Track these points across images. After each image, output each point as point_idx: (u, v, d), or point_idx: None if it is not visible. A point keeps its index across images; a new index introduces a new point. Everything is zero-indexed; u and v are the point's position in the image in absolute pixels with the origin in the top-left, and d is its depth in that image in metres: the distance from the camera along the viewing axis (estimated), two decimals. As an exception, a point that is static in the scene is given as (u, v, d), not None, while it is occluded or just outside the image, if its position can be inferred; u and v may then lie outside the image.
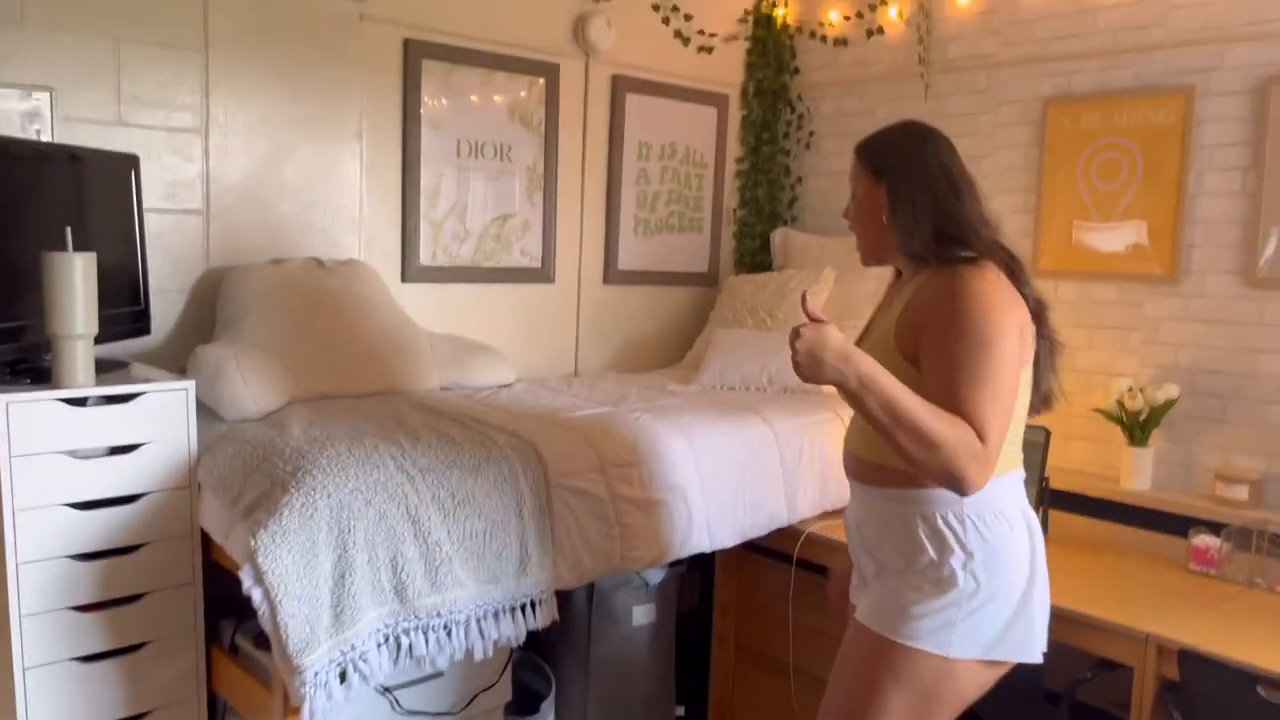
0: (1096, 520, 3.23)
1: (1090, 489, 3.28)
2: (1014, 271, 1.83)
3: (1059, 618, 2.35)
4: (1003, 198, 3.64)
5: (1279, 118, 2.95)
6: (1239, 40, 3.04)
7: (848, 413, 3.27)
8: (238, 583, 2.14)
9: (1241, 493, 2.96)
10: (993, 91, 3.67)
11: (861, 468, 1.92)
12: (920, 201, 1.83)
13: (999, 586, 1.82)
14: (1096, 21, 3.37)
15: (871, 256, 1.99)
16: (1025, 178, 3.57)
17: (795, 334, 1.64)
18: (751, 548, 3.09)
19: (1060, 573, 2.73)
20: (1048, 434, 3.01)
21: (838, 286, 3.83)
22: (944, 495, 1.77)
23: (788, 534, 3.04)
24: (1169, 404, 3.10)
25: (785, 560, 3.10)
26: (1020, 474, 1.91)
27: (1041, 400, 1.93)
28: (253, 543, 2.07)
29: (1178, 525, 2.99)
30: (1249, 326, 3.03)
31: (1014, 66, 3.60)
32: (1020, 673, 1.95)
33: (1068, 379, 3.49)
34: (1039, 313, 1.87)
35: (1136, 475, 3.18)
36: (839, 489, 3.17)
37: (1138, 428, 3.14)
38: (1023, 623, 1.87)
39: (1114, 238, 3.33)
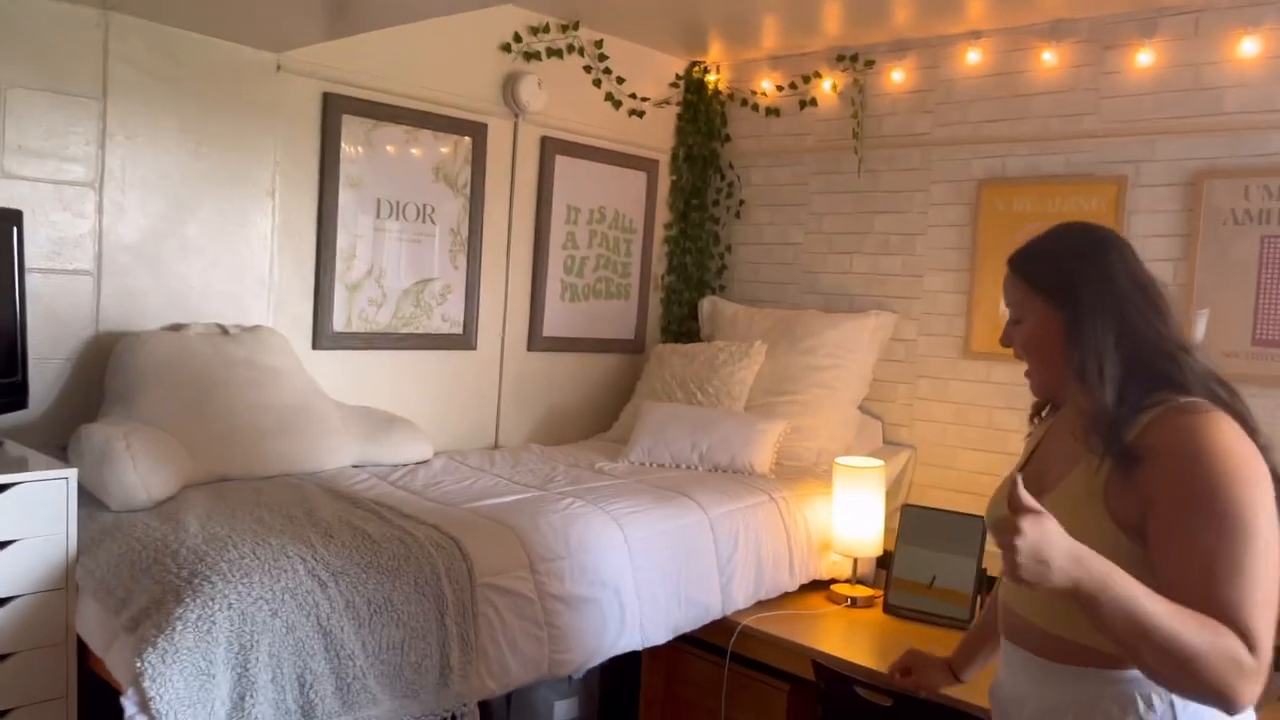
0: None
1: (1023, 575, 3.22)
2: (1242, 415, 1.43)
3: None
4: (935, 277, 3.62)
5: (1211, 211, 2.98)
6: (1170, 133, 3.08)
7: (782, 494, 3.19)
8: (114, 693, 1.89)
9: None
10: (926, 170, 3.65)
11: (1043, 642, 1.52)
12: (1106, 329, 1.45)
13: None
14: (1029, 107, 3.39)
15: (1049, 391, 1.62)
16: (958, 257, 3.55)
17: (1012, 529, 1.26)
18: (681, 637, 2.93)
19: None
20: (985, 521, 2.94)
21: (768, 360, 3.74)
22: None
23: (722, 626, 2.90)
24: (1103, 493, 3.06)
25: (717, 652, 2.95)
26: None
27: None
28: (139, 664, 1.83)
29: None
30: (1180, 417, 3.02)
31: (948, 146, 3.59)
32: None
33: (999, 462, 3.50)
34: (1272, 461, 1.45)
35: (1069, 563, 3.13)
36: (773, 577, 3.05)
37: (1071, 516, 3.10)
38: None
39: (1046, 322, 3.32)
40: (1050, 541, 1.26)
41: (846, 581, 3.22)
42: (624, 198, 4.08)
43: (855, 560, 3.21)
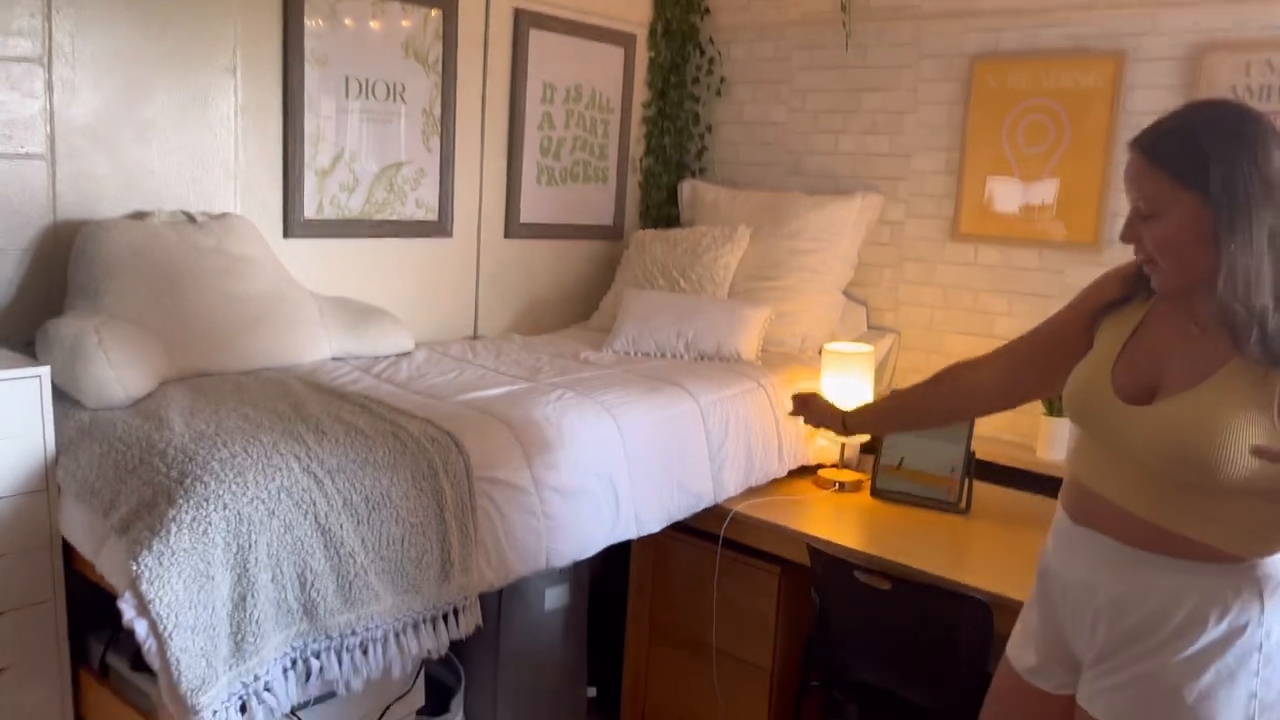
0: (1011, 490, 3.20)
1: (1005, 457, 3.26)
2: None
3: (998, 607, 2.29)
4: (923, 156, 3.53)
5: (1211, 86, 2.91)
6: (1172, 5, 2.98)
7: (770, 381, 3.16)
8: (106, 595, 1.84)
9: (1158, 465, 2.97)
10: (917, 45, 3.52)
11: (1134, 530, 1.47)
12: (1262, 227, 1.33)
13: None
14: (1027, -23, 3.25)
15: (1176, 290, 1.47)
16: (948, 136, 3.46)
17: None
18: (671, 525, 2.93)
19: (989, 552, 2.69)
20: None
21: (753, 244, 3.66)
22: (1263, 565, 1.41)
23: (713, 513, 2.90)
24: (1089, 375, 3.07)
25: (706, 538, 2.96)
26: None
27: None
28: (135, 567, 1.77)
29: (1097, 498, 2.99)
30: (1170, 299, 3.01)
31: (940, 19, 3.45)
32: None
33: (985, 345, 3.47)
34: None
35: (1052, 445, 3.16)
36: (763, 463, 3.04)
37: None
38: None
39: (1037, 203, 3.27)
40: None
41: (834, 466, 3.23)
42: (601, 75, 3.90)
43: (843, 445, 3.21)
